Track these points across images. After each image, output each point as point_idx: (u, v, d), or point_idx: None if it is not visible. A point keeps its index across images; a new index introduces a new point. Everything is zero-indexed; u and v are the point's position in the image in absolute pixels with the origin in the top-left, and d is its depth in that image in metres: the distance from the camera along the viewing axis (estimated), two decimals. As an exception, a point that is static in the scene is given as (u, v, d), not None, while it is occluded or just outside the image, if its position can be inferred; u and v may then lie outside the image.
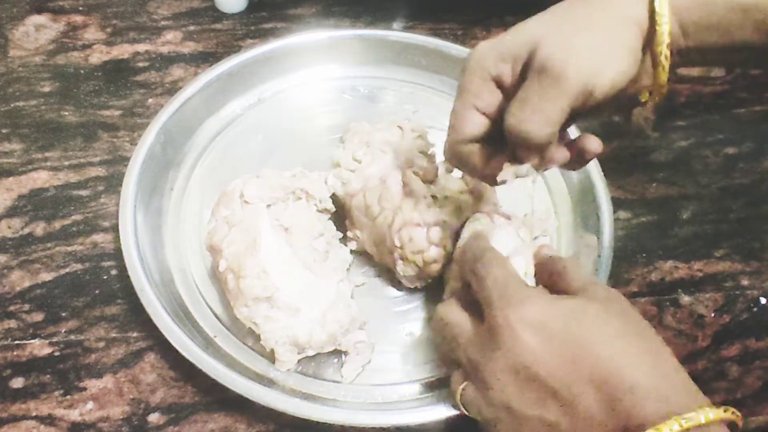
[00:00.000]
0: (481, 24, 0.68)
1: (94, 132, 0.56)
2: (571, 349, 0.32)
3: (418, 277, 0.46)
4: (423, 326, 0.47)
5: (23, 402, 0.43)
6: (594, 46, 0.34)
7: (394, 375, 0.45)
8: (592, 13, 0.35)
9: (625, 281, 0.52)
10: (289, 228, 0.45)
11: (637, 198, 0.56)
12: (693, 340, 0.49)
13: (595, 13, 0.35)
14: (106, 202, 0.52)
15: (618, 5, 0.35)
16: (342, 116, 0.58)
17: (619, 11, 0.35)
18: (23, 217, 0.51)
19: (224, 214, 0.45)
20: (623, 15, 0.35)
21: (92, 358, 0.45)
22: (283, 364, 0.43)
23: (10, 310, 0.46)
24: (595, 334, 0.32)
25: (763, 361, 0.48)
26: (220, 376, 0.41)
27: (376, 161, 0.48)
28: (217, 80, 0.56)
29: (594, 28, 0.34)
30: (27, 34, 0.63)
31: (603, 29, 0.34)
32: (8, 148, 0.54)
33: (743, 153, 0.60)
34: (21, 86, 0.58)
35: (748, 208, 0.57)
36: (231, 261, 0.43)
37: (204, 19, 0.66)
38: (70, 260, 0.49)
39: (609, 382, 0.30)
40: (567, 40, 0.34)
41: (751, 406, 0.46)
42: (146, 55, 0.62)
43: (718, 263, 0.53)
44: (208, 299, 0.47)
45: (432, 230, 0.44)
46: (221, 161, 0.55)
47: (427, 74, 0.61)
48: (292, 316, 0.42)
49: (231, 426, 0.43)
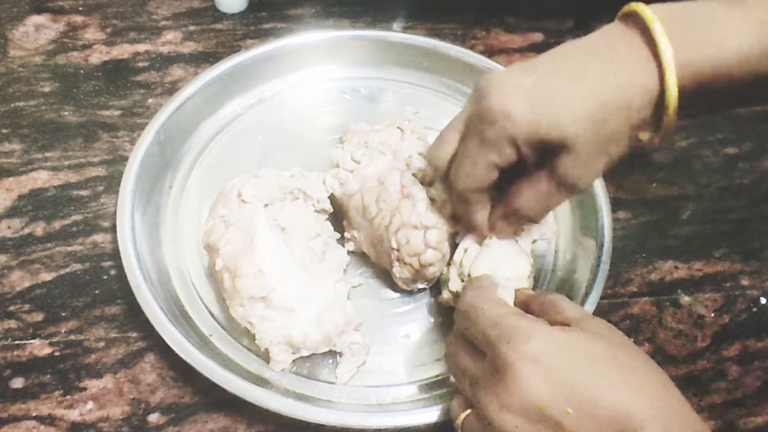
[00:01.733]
0: (481, 24, 0.68)
1: (94, 132, 0.56)
2: (581, 387, 0.31)
3: (415, 280, 0.46)
4: (419, 328, 0.47)
5: (23, 402, 0.43)
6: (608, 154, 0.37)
7: (389, 377, 0.45)
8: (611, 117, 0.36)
9: (625, 281, 0.52)
10: (286, 228, 0.45)
11: (636, 198, 0.56)
12: (693, 340, 0.49)
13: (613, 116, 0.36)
14: (105, 202, 0.52)
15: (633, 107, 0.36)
16: (342, 117, 0.58)
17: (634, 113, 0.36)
18: (23, 217, 0.51)
19: (222, 213, 0.45)
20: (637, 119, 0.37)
21: (92, 358, 0.45)
22: (278, 364, 0.43)
23: (10, 310, 0.46)
24: (603, 371, 0.32)
25: (762, 362, 0.48)
26: (214, 376, 0.41)
27: (375, 162, 0.48)
28: (217, 80, 0.56)
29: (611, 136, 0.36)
30: (27, 34, 0.63)
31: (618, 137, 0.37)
32: (8, 148, 0.55)
33: (743, 153, 0.60)
34: (21, 86, 0.59)
35: (748, 208, 0.57)
36: (227, 260, 0.43)
37: (204, 19, 0.66)
38: (70, 260, 0.49)
39: (621, 418, 0.30)
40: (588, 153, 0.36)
41: (751, 406, 0.46)
42: (146, 55, 0.62)
43: (717, 263, 0.53)
44: (204, 298, 0.47)
45: (429, 233, 0.44)
46: (220, 161, 0.55)
47: (428, 75, 0.61)
48: (288, 316, 0.42)
49: (231, 426, 0.43)
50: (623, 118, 0.36)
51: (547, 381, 0.31)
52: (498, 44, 0.67)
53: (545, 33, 0.68)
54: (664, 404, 0.31)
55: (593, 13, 0.70)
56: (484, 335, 0.34)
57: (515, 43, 0.67)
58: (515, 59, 0.65)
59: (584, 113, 0.35)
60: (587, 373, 0.31)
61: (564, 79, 0.36)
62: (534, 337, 0.32)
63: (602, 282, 0.47)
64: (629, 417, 0.30)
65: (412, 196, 0.45)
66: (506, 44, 0.67)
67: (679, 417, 0.31)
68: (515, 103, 0.36)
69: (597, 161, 0.37)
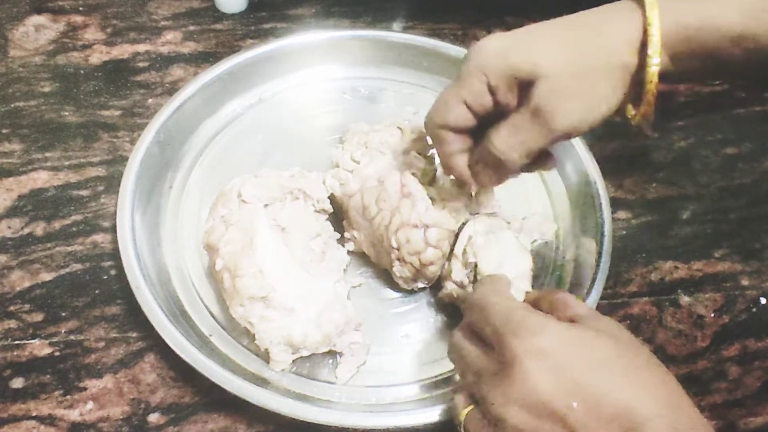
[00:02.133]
0: (481, 24, 0.68)
1: (94, 132, 0.56)
2: (586, 383, 0.31)
3: (415, 279, 0.46)
4: (419, 328, 0.47)
5: (23, 402, 0.43)
6: (585, 94, 0.37)
7: (389, 377, 0.45)
8: (590, 55, 0.37)
9: (625, 281, 0.52)
10: (286, 228, 0.45)
11: (636, 198, 0.56)
12: (692, 340, 0.49)
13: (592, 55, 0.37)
14: (105, 202, 0.52)
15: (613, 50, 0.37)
16: (342, 117, 0.58)
17: (614, 56, 0.37)
18: (23, 217, 0.51)
19: (222, 213, 0.45)
20: (618, 61, 0.37)
21: (92, 358, 0.45)
22: (278, 364, 0.43)
23: (10, 310, 0.46)
24: (609, 368, 0.32)
25: (762, 362, 0.48)
26: (214, 376, 0.41)
27: (375, 162, 0.48)
28: (217, 80, 0.56)
29: (588, 72, 0.37)
30: (27, 34, 0.63)
31: (596, 75, 0.37)
32: (8, 148, 0.55)
33: (743, 153, 0.60)
34: (21, 86, 0.59)
35: (748, 208, 0.57)
36: (227, 260, 0.43)
37: (204, 19, 0.66)
38: (70, 260, 0.49)
39: (625, 416, 0.30)
40: (563, 85, 0.36)
41: (751, 407, 0.46)
42: (146, 55, 0.62)
43: (717, 263, 0.53)
44: (204, 298, 0.47)
45: (429, 232, 0.44)
46: (220, 161, 0.55)
47: (428, 75, 0.61)
48: (288, 316, 0.42)
49: (231, 426, 0.43)
50: (603, 57, 0.37)
51: (554, 376, 0.31)
52: (498, 44, 0.66)
53: (545, 33, 0.68)
54: (670, 403, 0.31)
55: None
56: (493, 328, 0.34)
57: (515, 43, 0.67)
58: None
59: (559, 49, 0.37)
60: (593, 369, 0.31)
61: (543, 30, 0.38)
62: (542, 332, 0.32)
63: (602, 282, 0.47)
64: (633, 414, 0.30)
65: (411, 195, 0.45)
66: (506, 44, 0.67)
67: (685, 416, 0.31)
68: (490, 41, 0.38)
69: (575, 98, 0.37)
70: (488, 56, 0.37)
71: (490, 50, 0.37)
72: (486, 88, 0.38)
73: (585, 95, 0.37)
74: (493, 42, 0.38)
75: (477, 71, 0.37)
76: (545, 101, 0.36)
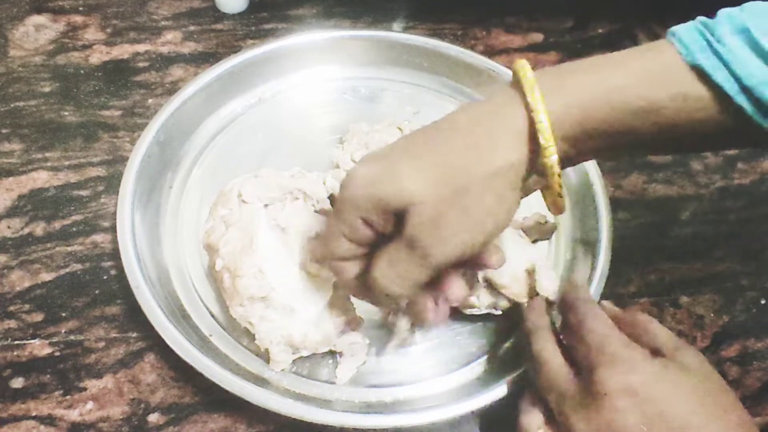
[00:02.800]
0: (481, 24, 0.68)
1: (94, 132, 0.56)
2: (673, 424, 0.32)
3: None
4: (419, 328, 0.47)
5: (23, 402, 0.43)
6: (463, 216, 0.33)
7: (389, 377, 0.45)
8: (464, 171, 0.33)
9: (625, 282, 0.52)
10: (286, 228, 0.45)
11: (636, 198, 0.56)
12: (692, 340, 0.49)
13: (466, 170, 0.33)
14: (106, 203, 0.52)
15: (492, 156, 0.33)
16: (342, 117, 0.58)
17: (493, 162, 0.33)
18: (23, 217, 0.51)
19: (222, 213, 0.45)
20: (498, 166, 0.33)
21: (92, 358, 0.45)
22: (278, 364, 0.43)
23: (10, 310, 0.46)
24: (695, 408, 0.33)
25: (762, 362, 0.48)
26: (214, 376, 0.41)
27: (375, 162, 0.48)
28: (217, 80, 0.56)
29: (464, 190, 0.33)
30: (27, 34, 0.63)
31: (475, 190, 0.33)
32: (8, 148, 0.55)
33: (743, 153, 0.60)
34: (21, 86, 0.59)
35: (748, 209, 0.57)
36: (227, 260, 0.43)
37: (204, 19, 0.66)
38: (70, 260, 0.49)
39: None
40: (437, 211, 0.33)
41: (751, 407, 0.46)
42: (146, 55, 0.62)
43: (717, 263, 0.53)
44: (204, 298, 0.47)
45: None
46: (220, 161, 0.55)
47: (428, 76, 0.61)
48: (288, 316, 0.42)
49: (231, 426, 0.43)
50: (479, 168, 0.33)
51: (642, 415, 0.32)
52: (498, 44, 0.67)
53: (545, 33, 0.68)
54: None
55: (593, 13, 0.71)
56: (587, 356, 0.35)
57: (515, 43, 0.67)
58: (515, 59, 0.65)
59: (429, 171, 0.33)
60: (681, 410, 0.32)
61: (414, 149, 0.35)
62: (635, 370, 0.33)
63: (602, 282, 0.47)
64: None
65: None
66: (506, 44, 0.67)
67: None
68: (358, 170, 0.35)
69: (451, 224, 0.33)
70: (357, 188, 0.34)
71: (358, 181, 0.34)
72: (360, 222, 0.35)
73: (462, 217, 0.33)
74: (361, 171, 0.34)
75: (348, 206, 0.34)
76: (418, 232, 0.33)
